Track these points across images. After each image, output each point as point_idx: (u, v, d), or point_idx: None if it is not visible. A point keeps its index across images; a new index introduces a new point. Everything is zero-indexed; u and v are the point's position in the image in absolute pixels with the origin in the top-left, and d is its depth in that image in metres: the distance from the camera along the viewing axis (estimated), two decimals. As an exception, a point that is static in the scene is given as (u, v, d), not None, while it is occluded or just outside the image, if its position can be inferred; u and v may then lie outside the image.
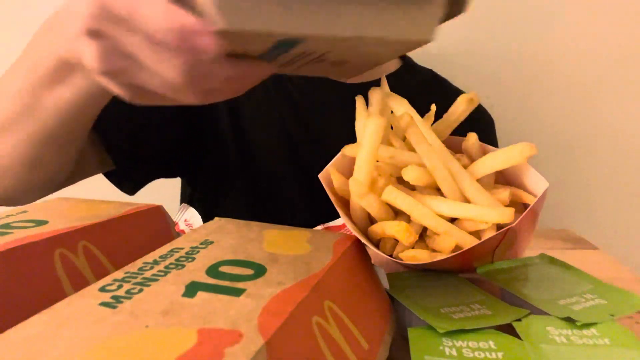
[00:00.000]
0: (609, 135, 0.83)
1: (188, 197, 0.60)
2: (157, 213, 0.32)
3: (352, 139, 0.32)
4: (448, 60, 0.80)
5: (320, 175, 0.30)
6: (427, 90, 0.41)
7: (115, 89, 0.26)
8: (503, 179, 0.33)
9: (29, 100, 0.32)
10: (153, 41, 0.22)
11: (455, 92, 0.65)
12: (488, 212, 0.27)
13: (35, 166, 0.36)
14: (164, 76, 0.23)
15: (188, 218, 0.40)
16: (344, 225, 0.39)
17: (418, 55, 0.68)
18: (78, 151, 0.39)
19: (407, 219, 0.29)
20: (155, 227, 0.31)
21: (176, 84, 0.23)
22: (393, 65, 0.64)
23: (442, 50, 0.81)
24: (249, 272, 0.21)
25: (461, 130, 0.33)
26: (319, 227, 0.39)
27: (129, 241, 0.29)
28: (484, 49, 0.81)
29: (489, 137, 0.61)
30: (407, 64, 0.65)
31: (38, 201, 0.32)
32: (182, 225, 0.39)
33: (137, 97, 0.26)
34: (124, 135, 0.47)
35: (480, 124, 0.63)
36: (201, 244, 0.24)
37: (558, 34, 0.80)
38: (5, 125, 0.35)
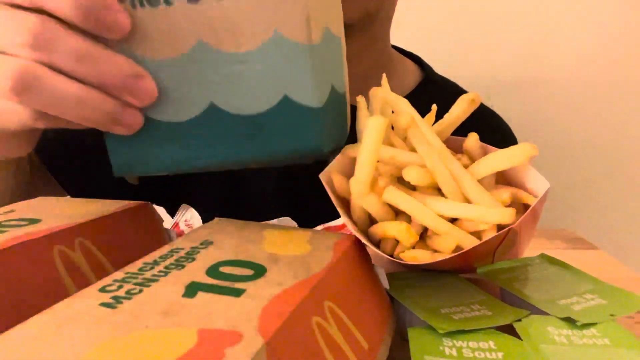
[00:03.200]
0: (609, 135, 0.83)
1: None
2: (146, 210, 0.32)
3: None
4: (448, 60, 0.80)
5: (320, 175, 0.30)
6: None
7: (21, 115, 0.25)
8: (504, 179, 0.33)
9: None
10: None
11: (485, 112, 0.62)
12: (489, 213, 0.27)
13: None
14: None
15: (188, 218, 0.40)
16: (344, 225, 0.39)
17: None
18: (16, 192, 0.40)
19: (408, 219, 0.29)
20: (145, 224, 0.32)
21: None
22: (412, 80, 0.62)
23: (442, 49, 0.81)
24: (249, 272, 0.21)
25: (481, 140, 0.32)
26: (319, 227, 0.39)
27: (122, 237, 0.29)
28: (484, 49, 0.81)
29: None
30: (429, 79, 0.62)
31: (23, 201, 0.32)
32: (182, 226, 0.39)
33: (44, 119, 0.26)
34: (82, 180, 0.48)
35: (501, 133, 0.63)
36: (201, 244, 0.24)
37: (558, 34, 0.80)
38: None
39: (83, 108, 0.24)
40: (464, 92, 0.65)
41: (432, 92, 0.60)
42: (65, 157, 0.49)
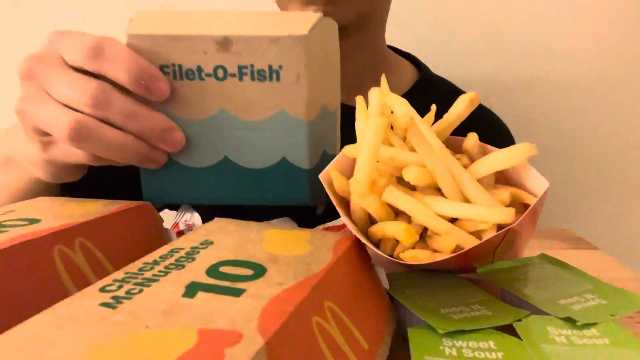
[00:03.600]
0: (608, 135, 0.83)
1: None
2: (146, 210, 0.32)
3: None
4: (447, 60, 0.80)
5: (320, 176, 0.30)
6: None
7: (79, 155, 0.32)
8: (503, 179, 0.33)
9: None
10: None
11: (484, 111, 0.62)
12: (488, 212, 0.27)
13: None
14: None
15: (188, 219, 0.40)
16: (344, 225, 0.39)
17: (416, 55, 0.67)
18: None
19: (408, 219, 0.29)
20: (145, 224, 0.32)
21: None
22: (408, 80, 0.62)
23: (442, 49, 0.81)
24: (249, 272, 0.21)
25: (481, 139, 0.32)
26: (319, 227, 0.39)
27: (122, 237, 0.29)
28: (483, 49, 0.81)
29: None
30: (425, 79, 0.62)
31: (23, 201, 0.32)
32: (182, 226, 0.39)
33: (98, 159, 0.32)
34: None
35: (500, 132, 0.63)
36: (201, 244, 0.24)
37: (558, 34, 0.80)
38: None
39: (125, 152, 0.31)
40: (461, 91, 0.65)
41: (428, 91, 0.60)
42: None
